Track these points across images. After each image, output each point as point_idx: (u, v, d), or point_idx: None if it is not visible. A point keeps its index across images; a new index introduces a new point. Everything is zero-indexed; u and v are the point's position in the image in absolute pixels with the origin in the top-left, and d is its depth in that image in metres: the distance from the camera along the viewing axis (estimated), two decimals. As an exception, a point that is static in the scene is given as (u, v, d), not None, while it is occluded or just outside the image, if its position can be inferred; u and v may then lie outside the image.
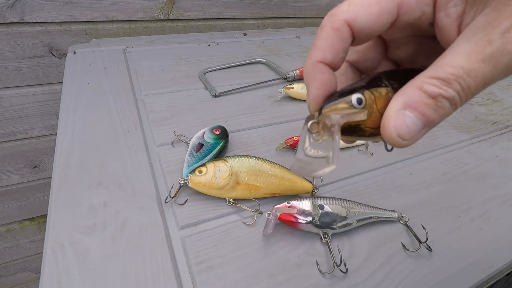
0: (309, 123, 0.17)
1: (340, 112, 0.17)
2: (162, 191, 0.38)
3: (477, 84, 0.15)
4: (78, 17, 0.67)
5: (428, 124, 0.16)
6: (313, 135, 0.17)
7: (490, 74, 0.15)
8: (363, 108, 0.17)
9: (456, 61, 0.15)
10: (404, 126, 0.15)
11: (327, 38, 0.17)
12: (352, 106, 0.16)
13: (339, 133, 0.16)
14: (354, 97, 0.17)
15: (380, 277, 0.32)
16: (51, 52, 0.69)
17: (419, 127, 0.16)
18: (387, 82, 0.17)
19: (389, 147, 0.18)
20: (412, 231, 0.37)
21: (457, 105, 0.15)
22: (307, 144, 0.18)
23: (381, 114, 0.17)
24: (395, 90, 0.17)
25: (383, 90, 0.17)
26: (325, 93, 0.18)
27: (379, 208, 0.38)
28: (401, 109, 0.16)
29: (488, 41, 0.14)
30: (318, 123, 0.17)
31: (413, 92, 0.16)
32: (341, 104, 0.17)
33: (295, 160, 0.18)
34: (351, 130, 0.17)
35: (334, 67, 0.18)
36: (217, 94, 0.57)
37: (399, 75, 0.18)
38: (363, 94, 0.17)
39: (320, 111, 0.17)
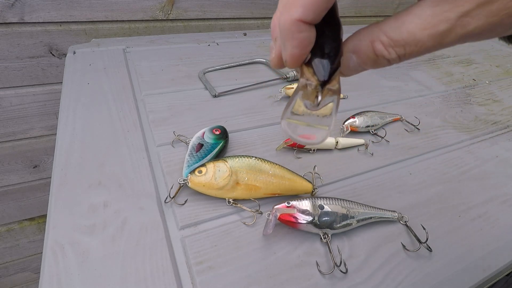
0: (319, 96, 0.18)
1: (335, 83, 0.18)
2: (162, 191, 0.38)
3: (417, 53, 0.17)
4: (78, 17, 0.67)
5: (363, 69, 0.19)
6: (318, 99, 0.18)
7: (431, 47, 0.16)
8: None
9: (412, 27, 0.16)
10: (345, 66, 0.19)
11: None
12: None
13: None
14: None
15: (380, 277, 0.32)
16: (51, 52, 0.69)
17: (356, 69, 0.19)
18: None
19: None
20: (412, 231, 0.37)
21: (392, 63, 0.18)
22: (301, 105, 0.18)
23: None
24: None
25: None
26: (304, 51, 0.18)
27: (379, 208, 0.37)
28: (349, 52, 0.18)
29: (445, 19, 0.15)
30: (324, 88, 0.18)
31: (364, 43, 0.18)
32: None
33: (286, 122, 0.18)
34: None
35: (311, 24, 0.17)
36: (217, 94, 0.57)
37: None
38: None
39: (323, 83, 0.18)
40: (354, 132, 0.52)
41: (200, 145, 0.42)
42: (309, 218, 0.34)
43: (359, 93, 0.64)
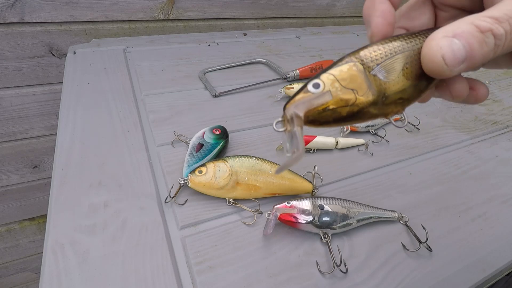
0: (274, 122, 0.18)
1: (297, 102, 0.17)
2: (162, 191, 0.38)
3: None
4: (78, 17, 0.67)
5: (469, 59, 0.16)
6: (284, 133, 0.17)
7: None
8: (323, 90, 0.17)
9: (507, 6, 0.16)
10: (450, 49, 0.16)
11: None
12: (310, 92, 0.17)
13: (300, 121, 0.17)
14: (310, 83, 0.17)
15: (380, 277, 0.32)
16: (51, 52, 0.69)
17: (462, 57, 0.16)
18: (352, 58, 0.18)
19: (400, 124, 0.19)
20: (412, 231, 0.37)
21: (499, 46, 0.16)
22: (284, 142, 0.18)
23: (352, 90, 0.17)
24: (363, 63, 0.17)
25: (344, 67, 0.17)
26: (386, 21, 0.18)
27: (379, 208, 0.38)
28: (449, 36, 0.16)
29: None
30: (283, 120, 0.18)
31: (463, 24, 0.16)
32: (298, 95, 0.17)
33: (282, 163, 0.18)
34: (326, 117, 0.17)
35: (393, 4, 0.19)
36: (217, 94, 0.57)
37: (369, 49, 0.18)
38: (319, 77, 0.17)
39: (284, 108, 0.18)
40: (354, 132, 0.52)
41: (200, 145, 0.42)
42: (309, 218, 0.34)
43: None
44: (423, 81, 0.18)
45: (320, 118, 0.17)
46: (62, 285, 0.28)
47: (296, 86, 0.57)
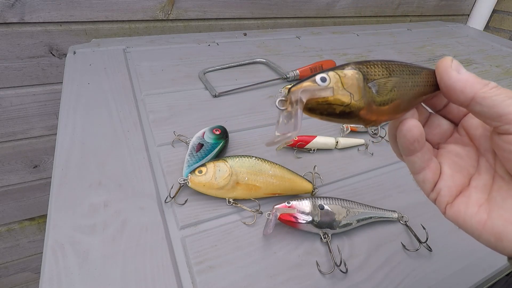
0: (277, 100, 0.19)
1: (304, 88, 0.19)
2: (162, 191, 0.38)
3: None
4: (78, 17, 0.67)
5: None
6: (283, 112, 0.19)
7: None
8: (327, 85, 0.19)
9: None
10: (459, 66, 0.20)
11: None
12: (316, 83, 0.19)
13: (302, 105, 0.19)
14: (319, 75, 0.19)
15: (380, 277, 0.32)
16: (51, 52, 0.69)
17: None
18: (355, 67, 0.20)
19: (373, 132, 0.23)
20: (412, 231, 0.37)
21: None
22: (278, 120, 0.20)
23: (349, 93, 0.19)
24: (364, 74, 0.19)
25: (349, 72, 0.19)
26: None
27: (379, 208, 0.38)
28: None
29: None
30: (286, 100, 0.19)
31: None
32: (306, 82, 0.19)
33: (271, 137, 0.20)
34: (321, 109, 0.19)
35: None
36: (217, 94, 0.57)
37: (369, 63, 0.21)
38: (327, 73, 0.19)
39: (289, 90, 0.19)
40: (354, 132, 0.52)
41: (200, 145, 0.42)
42: (309, 218, 0.34)
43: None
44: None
45: (317, 108, 0.19)
46: (62, 285, 0.28)
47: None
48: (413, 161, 0.22)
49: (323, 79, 0.19)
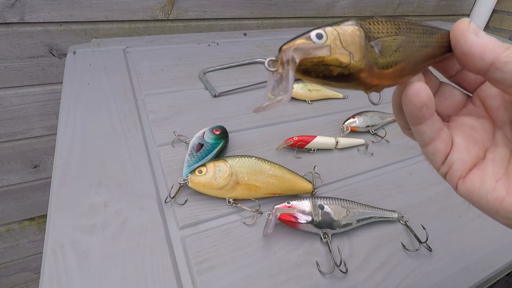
0: (267, 60, 0.17)
1: (297, 46, 0.16)
2: (162, 191, 0.38)
3: None
4: (78, 17, 0.67)
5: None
6: (273, 73, 0.17)
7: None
8: (324, 43, 0.16)
9: None
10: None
11: None
12: (311, 41, 0.16)
13: (294, 66, 0.16)
14: (314, 32, 0.17)
15: (380, 277, 0.32)
16: (51, 52, 0.69)
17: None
18: (356, 22, 0.17)
19: (375, 99, 0.19)
20: (412, 231, 0.37)
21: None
22: (269, 84, 0.18)
23: (349, 53, 0.17)
24: (366, 31, 0.17)
25: (349, 28, 0.17)
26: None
27: (379, 208, 0.38)
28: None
29: None
30: (277, 60, 0.17)
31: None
32: (300, 39, 0.17)
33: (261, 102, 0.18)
34: (317, 70, 0.17)
35: None
36: (217, 94, 0.57)
37: (375, 20, 0.18)
38: (324, 29, 0.17)
39: (280, 48, 0.17)
40: (354, 132, 0.52)
41: (200, 145, 0.42)
42: (309, 218, 0.34)
43: (359, 93, 0.64)
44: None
45: (312, 69, 0.17)
46: (62, 285, 0.28)
47: (296, 86, 0.57)
48: (422, 131, 0.20)
49: (319, 36, 0.16)
